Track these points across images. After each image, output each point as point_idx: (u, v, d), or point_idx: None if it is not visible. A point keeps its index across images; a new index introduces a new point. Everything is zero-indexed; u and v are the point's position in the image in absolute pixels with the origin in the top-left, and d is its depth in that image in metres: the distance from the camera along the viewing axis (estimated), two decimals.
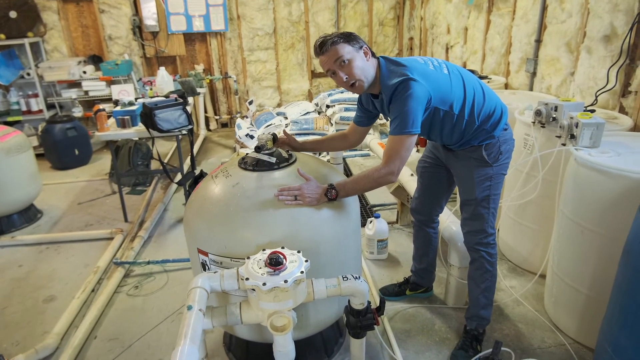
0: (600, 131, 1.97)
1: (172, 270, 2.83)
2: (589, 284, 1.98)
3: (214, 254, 1.67)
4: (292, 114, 5.00)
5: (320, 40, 1.70)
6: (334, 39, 1.67)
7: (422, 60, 1.77)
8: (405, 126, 1.64)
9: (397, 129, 1.66)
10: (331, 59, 1.69)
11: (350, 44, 1.68)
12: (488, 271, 1.99)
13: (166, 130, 3.13)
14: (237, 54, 5.64)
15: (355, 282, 1.55)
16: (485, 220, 1.92)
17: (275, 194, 1.66)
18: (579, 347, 2.08)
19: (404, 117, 1.64)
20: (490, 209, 1.91)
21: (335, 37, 1.68)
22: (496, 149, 1.83)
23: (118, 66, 4.98)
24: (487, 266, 1.98)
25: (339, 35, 1.68)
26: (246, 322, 1.45)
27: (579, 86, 2.76)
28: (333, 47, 1.67)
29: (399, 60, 1.74)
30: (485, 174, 1.86)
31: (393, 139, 1.68)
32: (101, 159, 5.01)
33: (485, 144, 1.82)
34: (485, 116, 1.79)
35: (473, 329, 2.07)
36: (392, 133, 1.69)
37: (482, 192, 1.87)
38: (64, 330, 2.28)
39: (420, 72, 1.68)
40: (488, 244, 1.96)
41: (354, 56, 1.68)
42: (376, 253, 2.83)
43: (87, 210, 3.75)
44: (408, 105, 1.63)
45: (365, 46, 1.73)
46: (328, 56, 1.69)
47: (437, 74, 1.72)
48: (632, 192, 1.73)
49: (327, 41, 1.68)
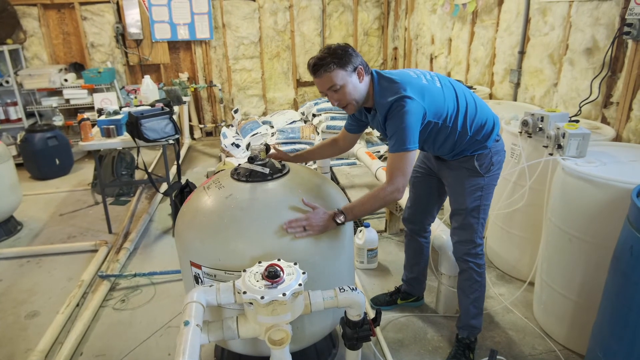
0: (586, 141, 2.02)
1: (160, 283, 2.77)
2: (578, 291, 2.02)
3: (208, 266, 1.64)
4: (278, 122, 5.00)
5: (313, 62, 1.68)
6: (327, 64, 1.64)
7: (414, 73, 1.78)
8: (404, 143, 1.65)
9: (396, 147, 1.67)
10: (324, 85, 1.69)
11: (344, 69, 1.65)
12: (477, 282, 2.00)
13: (153, 139, 3.09)
14: (222, 62, 5.62)
15: (352, 293, 1.55)
16: (475, 230, 1.93)
17: (283, 227, 1.62)
18: (568, 353, 2.11)
19: (401, 135, 1.65)
20: (480, 219, 1.92)
21: (330, 62, 1.64)
22: (488, 160, 1.85)
23: (100, 74, 4.90)
24: (476, 277, 1.99)
25: (332, 58, 1.64)
26: (243, 336, 1.43)
27: (562, 97, 2.83)
28: (326, 74, 1.65)
29: (392, 75, 1.74)
30: (477, 184, 1.88)
31: (393, 156, 1.69)
32: (83, 168, 4.91)
33: (478, 154, 1.84)
34: (477, 127, 1.81)
35: (465, 338, 2.08)
36: (392, 151, 1.69)
37: (473, 202, 1.89)
38: (48, 348, 2.20)
39: (413, 87, 1.69)
40: (476, 254, 1.96)
41: (347, 81, 1.67)
42: (366, 262, 2.83)
43: (69, 221, 3.66)
44: (405, 122, 1.64)
45: (360, 66, 1.70)
46: (320, 81, 1.69)
47: (430, 87, 1.74)
48: (618, 201, 1.77)
49: (320, 67, 1.65)
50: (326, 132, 4.68)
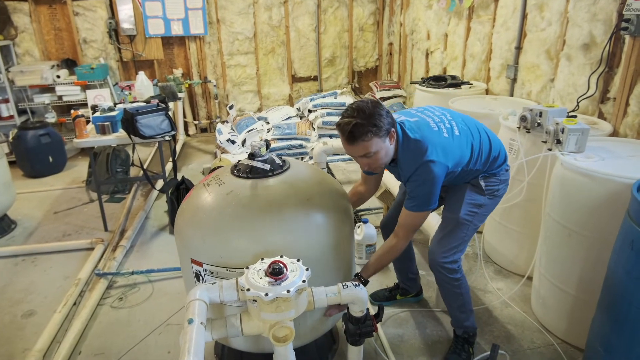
0: (585, 137, 2.03)
1: (157, 280, 2.75)
2: (576, 285, 2.04)
3: (209, 264, 1.63)
4: (273, 118, 4.97)
5: (349, 130, 1.56)
6: (365, 134, 1.56)
7: (434, 123, 1.75)
8: (426, 205, 1.71)
9: (417, 208, 1.72)
10: (357, 152, 1.63)
11: (380, 136, 1.59)
12: (456, 293, 1.97)
13: (149, 136, 3.06)
14: (217, 58, 5.58)
15: (355, 289, 1.54)
16: (456, 244, 1.90)
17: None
18: (567, 347, 2.13)
19: (425, 198, 1.69)
20: (465, 237, 1.90)
21: (367, 131, 1.56)
22: (494, 183, 1.87)
23: (93, 70, 4.84)
24: (454, 289, 1.96)
25: (370, 127, 1.56)
26: (247, 333, 1.42)
27: (559, 92, 2.84)
28: (363, 143, 1.58)
29: (415, 133, 1.70)
30: (477, 200, 1.87)
31: (412, 215, 1.74)
32: (76, 166, 4.86)
33: (485, 176, 1.86)
34: (491, 161, 1.84)
35: (463, 333, 2.09)
36: (412, 209, 1.72)
37: (467, 215, 1.86)
38: (46, 347, 2.18)
39: (437, 147, 1.67)
40: (452, 269, 1.92)
41: (380, 147, 1.62)
42: (365, 258, 2.83)
43: (64, 219, 3.62)
44: (430, 187, 1.67)
45: (392, 129, 1.64)
46: (355, 149, 1.62)
47: (451, 142, 1.72)
48: (617, 195, 1.78)
49: (358, 137, 1.57)
50: (322, 127, 4.67)
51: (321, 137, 4.64)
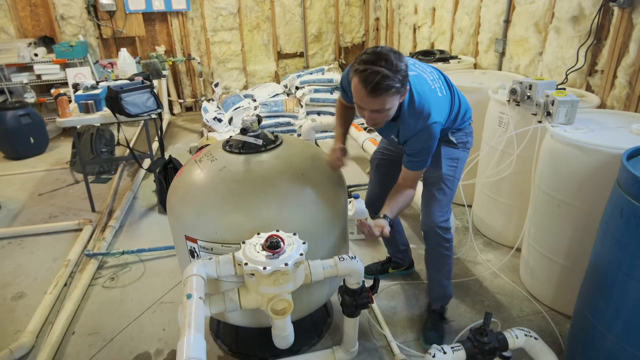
0: (574, 108, 2.05)
1: (149, 260, 2.74)
2: (565, 254, 2.09)
3: (204, 240, 1.62)
4: (260, 96, 4.91)
5: (375, 81, 1.41)
6: (390, 89, 1.44)
7: (431, 83, 1.72)
8: (425, 163, 1.75)
9: (418, 166, 1.74)
10: (373, 105, 1.51)
11: (400, 93, 1.51)
12: (446, 255, 1.99)
13: (134, 114, 2.99)
14: (200, 34, 5.45)
15: (352, 262, 1.55)
16: (447, 201, 1.92)
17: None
18: (554, 314, 2.19)
19: (425, 157, 1.72)
20: (451, 191, 1.92)
21: (393, 85, 1.44)
22: (462, 136, 1.90)
23: (72, 48, 4.69)
24: (445, 251, 1.97)
25: (395, 81, 1.44)
26: (245, 307, 1.42)
27: (547, 65, 2.85)
28: (383, 98, 1.47)
29: (419, 90, 1.64)
30: (452, 154, 1.90)
31: (413, 174, 1.76)
32: (59, 147, 4.74)
33: (453, 131, 1.88)
34: (461, 117, 1.87)
35: (438, 308, 2.12)
36: (412, 169, 1.74)
37: (448, 170, 1.88)
38: (38, 328, 2.16)
39: (437, 107, 1.67)
40: (446, 228, 1.93)
41: (395, 104, 1.54)
42: (356, 233, 2.85)
43: (49, 201, 3.55)
44: (430, 147, 1.69)
45: (408, 84, 1.57)
46: (373, 102, 1.48)
47: (442, 101, 1.72)
48: (605, 166, 1.81)
49: (382, 89, 1.43)
50: (310, 104, 4.63)
51: (309, 114, 4.61)
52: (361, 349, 1.97)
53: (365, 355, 1.98)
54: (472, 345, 1.60)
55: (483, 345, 1.58)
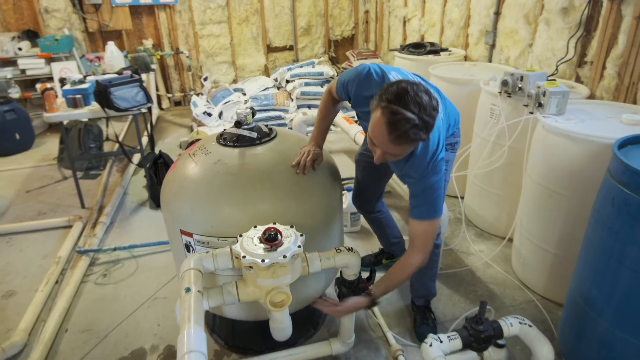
0: (565, 99, 2.07)
1: (141, 256, 2.71)
2: (556, 244, 2.11)
3: (200, 234, 1.61)
4: (250, 89, 4.87)
5: (404, 130, 1.27)
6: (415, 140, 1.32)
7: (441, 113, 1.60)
8: (437, 211, 1.54)
9: (429, 214, 1.52)
10: (390, 149, 1.36)
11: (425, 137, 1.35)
12: (434, 260, 1.98)
13: (124, 108, 2.95)
14: (189, 28, 5.38)
15: (349, 253, 1.56)
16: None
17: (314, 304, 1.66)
18: (546, 302, 2.23)
19: (435, 203, 1.52)
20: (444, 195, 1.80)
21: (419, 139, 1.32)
22: (452, 138, 1.85)
23: (58, 42, 4.59)
24: (434, 257, 1.95)
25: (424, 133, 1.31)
26: (244, 300, 1.42)
27: (537, 57, 2.87)
28: (405, 147, 1.36)
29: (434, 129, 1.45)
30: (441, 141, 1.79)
31: (423, 224, 1.53)
32: (45, 143, 4.66)
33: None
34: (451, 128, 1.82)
35: (422, 304, 2.12)
36: (422, 218, 1.53)
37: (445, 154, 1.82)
38: (30, 326, 2.14)
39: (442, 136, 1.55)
40: (438, 234, 1.91)
41: (412, 148, 1.43)
42: (350, 226, 2.86)
43: (37, 198, 3.50)
44: (439, 189, 1.51)
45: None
46: (392, 147, 1.35)
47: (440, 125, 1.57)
48: (596, 155, 1.84)
49: (409, 140, 1.31)
50: (300, 98, 4.61)
51: (300, 108, 4.59)
52: (357, 341, 1.98)
53: (361, 347, 1.99)
54: (468, 333, 1.62)
55: (479, 333, 1.60)
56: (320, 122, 1.90)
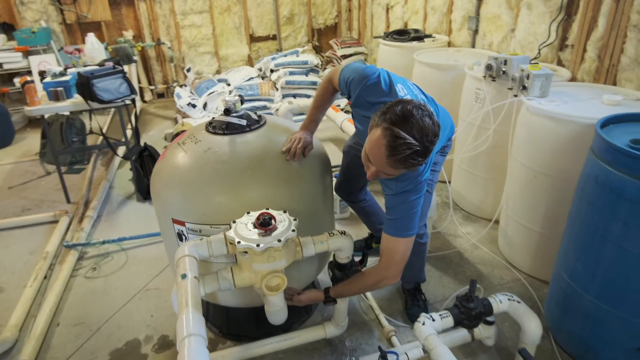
0: (548, 82, 2.11)
1: (131, 248, 2.70)
2: (542, 223, 2.17)
3: (192, 222, 1.61)
4: (234, 80, 4.84)
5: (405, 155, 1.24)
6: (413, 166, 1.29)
7: None
8: (413, 228, 1.52)
9: (402, 232, 1.50)
10: (387, 170, 1.33)
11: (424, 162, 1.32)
12: (422, 251, 2.00)
13: (107, 100, 2.91)
14: (170, 18, 5.29)
15: (342, 237, 1.58)
16: (427, 206, 1.87)
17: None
18: (532, 280, 2.29)
19: (409, 220, 1.49)
20: (431, 195, 1.87)
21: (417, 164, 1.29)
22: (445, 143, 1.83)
23: (35, 34, 4.48)
24: (421, 252, 1.98)
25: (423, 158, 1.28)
26: (239, 285, 1.43)
27: (519, 42, 2.91)
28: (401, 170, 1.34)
29: None
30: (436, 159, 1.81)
31: (395, 241, 1.51)
32: (26, 138, 4.56)
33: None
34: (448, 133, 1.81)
35: (412, 286, 2.15)
36: (396, 235, 1.51)
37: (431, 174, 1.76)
38: (21, 322, 2.11)
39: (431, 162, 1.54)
40: (423, 234, 1.94)
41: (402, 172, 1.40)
42: (339, 212, 2.88)
43: (20, 194, 3.44)
44: (416, 207, 1.49)
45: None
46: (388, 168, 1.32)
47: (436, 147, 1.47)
48: (579, 135, 1.89)
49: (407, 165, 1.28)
50: (285, 87, 4.60)
51: (285, 97, 4.58)
52: (350, 323, 2.01)
53: (354, 329, 2.02)
54: (459, 311, 1.66)
55: (469, 310, 1.64)
56: (314, 112, 1.87)
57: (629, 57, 2.21)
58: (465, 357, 1.87)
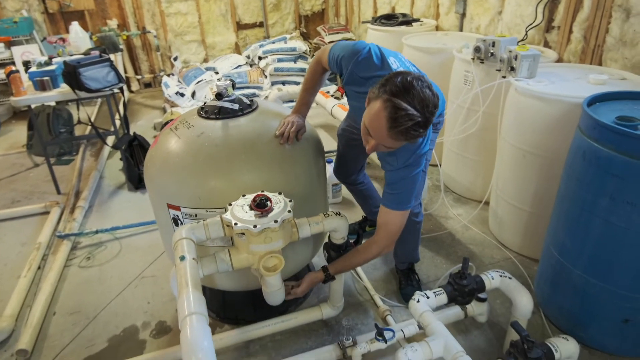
0: (536, 62, 2.14)
1: (124, 237, 2.69)
2: (531, 202, 2.21)
3: (187, 207, 1.62)
4: (222, 68, 4.80)
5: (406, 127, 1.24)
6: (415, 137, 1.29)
7: None
8: (409, 202, 1.53)
9: (399, 205, 1.52)
10: (388, 143, 1.33)
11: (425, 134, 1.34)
12: (417, 230, 2.03)
13: (95, 89, 2.87)
14: (154, 6, 5.21)
15: (337, 217, 1.60)
16: (422, 187, 1.89)
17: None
18: (522, 258, 2.34)
19: (408, 194, 1.50)
20: (426, 174, 1.88)
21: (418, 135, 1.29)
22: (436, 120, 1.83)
23: (17, 24, 4.40)
24: (416, 231, 2.02)
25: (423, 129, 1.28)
26: (237, 267, 1.44)
27: (507, 24, 2.93)
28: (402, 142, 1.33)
29: None
30: (432, 137, 1.82)
31: (393, 214, 1.53)
32: (11, 131, 4.50)
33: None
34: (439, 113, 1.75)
35: (406, 267, 2.18)
36: (395, 208, 1.53)
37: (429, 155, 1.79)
38: (16, 312, 2.11)
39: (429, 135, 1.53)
40: (418, 212, 1.96)
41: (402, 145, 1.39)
42: (331, 197, 2.90)
43: (8, 186, 3.40)
44: (415, 182, 1.50)
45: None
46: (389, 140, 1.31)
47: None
48: (567, 114, 1.92)
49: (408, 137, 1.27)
50: (274, 74, 4.58)
51: (274, 84, 4.56)
52: (346, 305, 2.04)
53: (350, 310, 2.06)
54: (452, 288, 1.69)
55: (463, 287, 1.68)
56: (305, 94, 1.87)
57: (614, 37, 2.24)
58: (458, 334, 1.91)
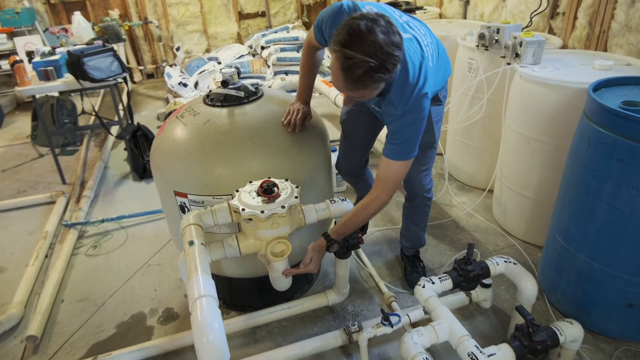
0: (541, 48, 2.13)
1: (130, 226, 2.71)
2: (535, 189, 2.22)
3: (194, 194, 1.63)
4: (225, 58, 4.79)
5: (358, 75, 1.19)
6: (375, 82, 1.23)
7: (425, 50, 1.49)
8: (412, 151, 1.48)
9: (403, 155, 1.47)
10: (354, 94, 1.30)
11: (389, 80, 1.27)
12: (427, 212, 2.04)
13: (99, 79, 2.88)
14: None
15: (343, 203, 1.61)
16: (432, 164, 1.90)
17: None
18: (526, 245, 2.35)
19: (412, 142, 1.45)
20: (435, 149, 1.88)
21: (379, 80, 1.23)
22: (443, 90, 1.81)
23: (19, 15, 4.39)
24: (427, 209, 2.02)
25: (383, 72, 1.21)
26: (245, 252, 1.46)
27: (511, 11, 2.91)
28: (367, 91, 1.28)
29: (414, 63, 1.41)
30: (439, 113, 1.80)
31: (396, 164, 1.47)
32: (15, 122, 4.51)
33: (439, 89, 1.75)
34: (442, 75, 1.75)
35: (412, 253, 2.20)
36: (396, 158, 1.47)
37: (438, 132, 1.82)
38: (25, 299, 2.14)
39: (431, 79, 1.46)
40: (430, 189, 1.96)
41: (379, 88, 1.31)
42: (335, 185, 2.91)
43: (14, 176, 3.42)
44: (418, 130, 1.45)
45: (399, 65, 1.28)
46: (355, 92, 1.28)
47: (433, 71, 1.52)
48: (572, 101, 1.92)
49: (367, 84, 1.23)
50: (277, 64, 4.57)
51: (277, 74, 4.55)
52: (351, 292, 2.06)
53: (355, 296, 2.07)
54: (457, 274, 1.70)
55: (468, 273, 1.69)
56: (304, 79, 1.86)
57: (619, 22, 2.23)
58: (463, 320, 1.93)
